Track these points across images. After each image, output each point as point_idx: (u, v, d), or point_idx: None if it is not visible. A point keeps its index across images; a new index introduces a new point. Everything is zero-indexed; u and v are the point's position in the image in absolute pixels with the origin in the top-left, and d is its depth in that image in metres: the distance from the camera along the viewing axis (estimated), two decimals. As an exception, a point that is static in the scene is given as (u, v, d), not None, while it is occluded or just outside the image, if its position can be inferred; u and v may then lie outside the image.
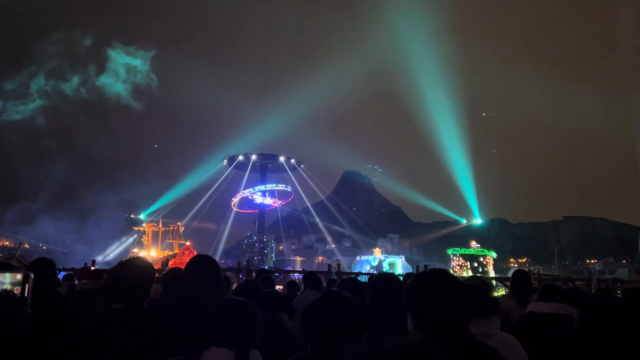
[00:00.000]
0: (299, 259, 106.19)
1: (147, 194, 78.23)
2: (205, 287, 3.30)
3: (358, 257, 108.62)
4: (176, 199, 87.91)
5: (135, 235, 65.31)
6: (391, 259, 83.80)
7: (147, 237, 61.27)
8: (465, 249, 79.66)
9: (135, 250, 58.73)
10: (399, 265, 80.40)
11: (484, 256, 79.67)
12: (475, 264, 77.60)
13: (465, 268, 75.85)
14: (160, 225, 63.08)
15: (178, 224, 63.92)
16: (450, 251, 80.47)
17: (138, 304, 3.34)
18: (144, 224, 64.06)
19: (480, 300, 2.84)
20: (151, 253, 56.75)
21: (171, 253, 55.93)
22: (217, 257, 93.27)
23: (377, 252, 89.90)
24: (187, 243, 58.67)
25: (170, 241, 62.02)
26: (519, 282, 5.40)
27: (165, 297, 4.38)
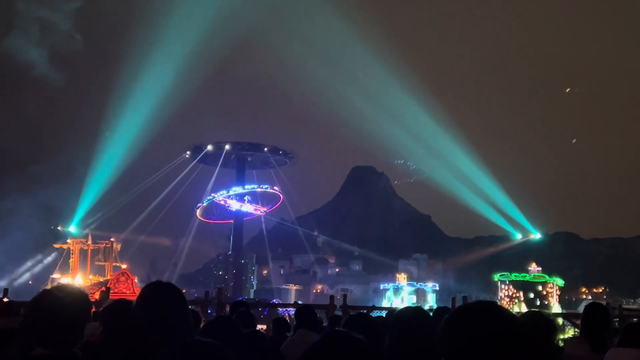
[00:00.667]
0: (293, 287, 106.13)
1: (74, 197, 77.97)
2: (163, 326, 3.30)
3: (374, 285, 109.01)
4: (117, 205, 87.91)
5: (55, 254, 65.59)
6: (419, 287, 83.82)
7: (74, 256, 61.73)
8: (517, 274, 79.60)
9: (56, 275, 58.95)
10: (430, 297, 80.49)
11: (545, 284, 79.66)
12: (531, 295, 77.65)
13: (516, 300, 75.75)
14: (89, 242, 63.47)
15: (112, 239, 64.29)
16: (497, 277, 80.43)
17: (68, 348, 3.35)
18: (68, 240, 64.32)
19: (539, 346, 2.86)
20: (77, 279, 57.03)
21: (102, 279, 56.34)
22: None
23: (402, 279, 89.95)
24: (124, 266, 59.31)
25: (100, 263, 62.55)
26: (593, 320, 5.43)
27: (105, 338, 4.39)
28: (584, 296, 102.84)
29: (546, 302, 76.42)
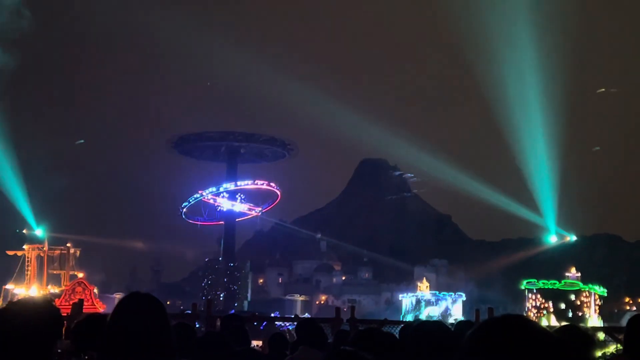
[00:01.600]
0: (300, 297, 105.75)
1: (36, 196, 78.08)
2: (140, 345, 3.29)
3: (385, 295, 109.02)
4: (86, 203, 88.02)
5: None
6: (443, 297, 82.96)
7: (30, 265, 62.18)
8: (545, 281, 78.25)
9: (10, 286, 59.29)
10: (457, 309, 79.55)
11: (578, 292, 77.90)
12: (562, 305, 76.31)
13: (545, 312, 74.62)
14: (45, 248, 63.85)
15: (68, 245, 64.66)
16: (524, 284, 79.46)
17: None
18: (25, 246, 64.64)
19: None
20: (31, 290, 57.37)
21: (57, 290, 56.72)
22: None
23: (424, 287, 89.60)
24: (80, 275, 59.69)
25: (55, 272, 62.88)
26: (638, 336, 5.40)
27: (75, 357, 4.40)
28: (628, 307, 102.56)
29: (580, 314, 75.65)
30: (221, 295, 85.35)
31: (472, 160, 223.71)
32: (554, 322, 69.24)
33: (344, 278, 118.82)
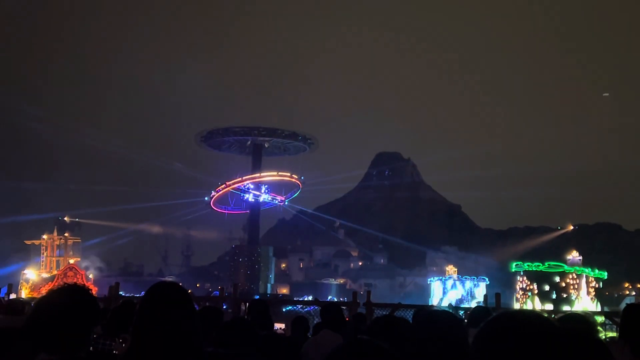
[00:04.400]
0: (339, 281, 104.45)
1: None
2: (168, 331, 3.25)
3: (399, 280, 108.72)
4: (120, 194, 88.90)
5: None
6: (464, 281, 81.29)
7: (46, 253, 63.38)
8: (530, 263, 75.70)
9: (29, 270, 60.11)
10: (479, 292, 78.02)
11: (563, 274, 74.42)
12: (546, 287, 73.53)
13: (529, 294, 72.36)
14: (54, 236, 64.94)
15: (66, 234, 65.93)
16: (512, 267, 77.32)
17: (75, 354, 3.36)
18: (44, 236, 65.79)
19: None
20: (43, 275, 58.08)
21: (48, 275, 57.46)
22: (184, 279, 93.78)
23: (452, 270, 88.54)
24: (72, 261, 60.52)
25: (55, 258, 63.92)
26: (634, 323, 5.27)
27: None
28: (627, 292, 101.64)
29: (565, 296, 72.67)
30: (246, 278, 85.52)
31: (482, 151, 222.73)
32: (537, 304, 67.45)
33: (360, 263, 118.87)
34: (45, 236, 65.98)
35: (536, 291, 73.22)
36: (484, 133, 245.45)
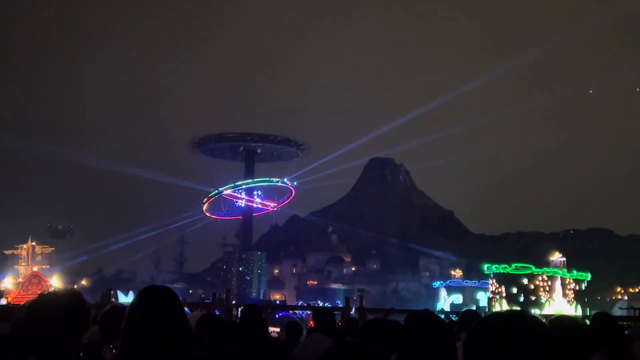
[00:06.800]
0: (343, 287, 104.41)
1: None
2: (156, 334, 3.23)
3: (392, 285, 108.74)
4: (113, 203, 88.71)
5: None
6: (466, 286, 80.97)
7: (23, 262, 63.53)
8: (497, 266, 73.80)
9: (7, 279, 59.97)
10: (480, 296, 77.54)
11: (532, 276, 72.35)
12: (514, 289, 71.90)
13: (497, 297, 70.93)
14: (29, 244, 64.99)
15: (33, 243, 66.26)
16: (485, 269, 76.29)
17: (65, 357, 3.35)
18: (23, 246, 65.94)
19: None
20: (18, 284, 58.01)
21: (12, 283, 57.52)
22: (175, 284, 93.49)
23: (458, 274, 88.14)
24: (35, 268, 60.55)
25: (16, 267, 64.04)
26: (605, 333, 5.25)
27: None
28: (620, 297, 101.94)
29: (534, 298, 71.31)
30: (238, 284, 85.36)
31: (475, 155, 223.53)
32: (505, 306, 65.99)
33: (353, 269, 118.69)
34: (25, 245, 66.21)
35: (504, 294, 72.06)
36: (477, 139, 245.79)
